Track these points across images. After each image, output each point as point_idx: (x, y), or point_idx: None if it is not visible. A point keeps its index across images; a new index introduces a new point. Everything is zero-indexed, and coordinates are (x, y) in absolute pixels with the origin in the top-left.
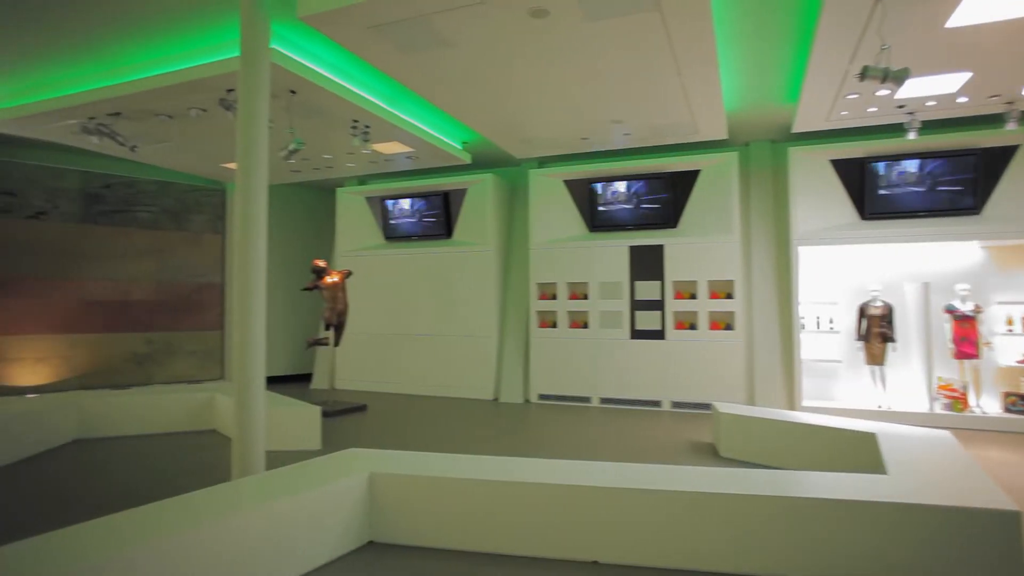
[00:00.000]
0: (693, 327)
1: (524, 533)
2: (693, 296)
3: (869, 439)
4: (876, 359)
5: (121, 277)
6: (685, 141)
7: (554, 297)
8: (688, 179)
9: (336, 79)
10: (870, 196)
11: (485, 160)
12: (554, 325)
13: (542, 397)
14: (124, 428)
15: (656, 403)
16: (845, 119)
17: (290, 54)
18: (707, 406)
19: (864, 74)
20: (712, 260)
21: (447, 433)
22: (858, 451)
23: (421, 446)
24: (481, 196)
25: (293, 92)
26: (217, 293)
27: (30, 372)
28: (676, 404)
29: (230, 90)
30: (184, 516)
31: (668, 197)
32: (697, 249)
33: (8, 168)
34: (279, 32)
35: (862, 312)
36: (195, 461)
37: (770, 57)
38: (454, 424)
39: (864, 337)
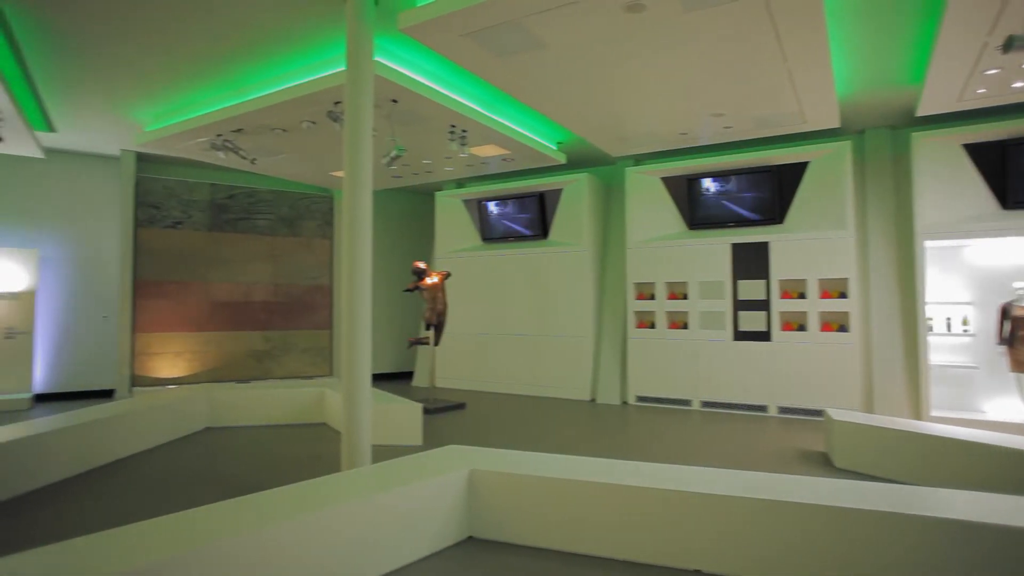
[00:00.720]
0: (802, 328)
1: (624, 537)
2: (802, 295)
3: (1017, 456)
4: (1022, 365)
5: (243, 280)
6: (792, 132)
7: (652, 297)
8: (795, 172)
9: (435, 86)
10: (1015, 183)
11: (580, 159)
12: (652, 326)
13: (640, 399)
14: (247, 419)
15: (761, 408)
16: (982, 98)
17: (392, 64)
18: (818, 412)
19: (1009, 46)
20: (823, 257)
21: (545, 432)
22: (1004, 469)
23: (519, 445)
24: (577, 196)
25: (394, 101)
26: (327, 294)
27: (169, 365)
28: (783, 409)
29: (337, 102)
30: (299, 503)
31: (773, 191)
32: (806, 245)
33: (152, 184)
34: (381, 44)
35: (1005, 313)
36: (308, 452)
37: (888, 33)
38: (551, 424)
39: (1008, 341)
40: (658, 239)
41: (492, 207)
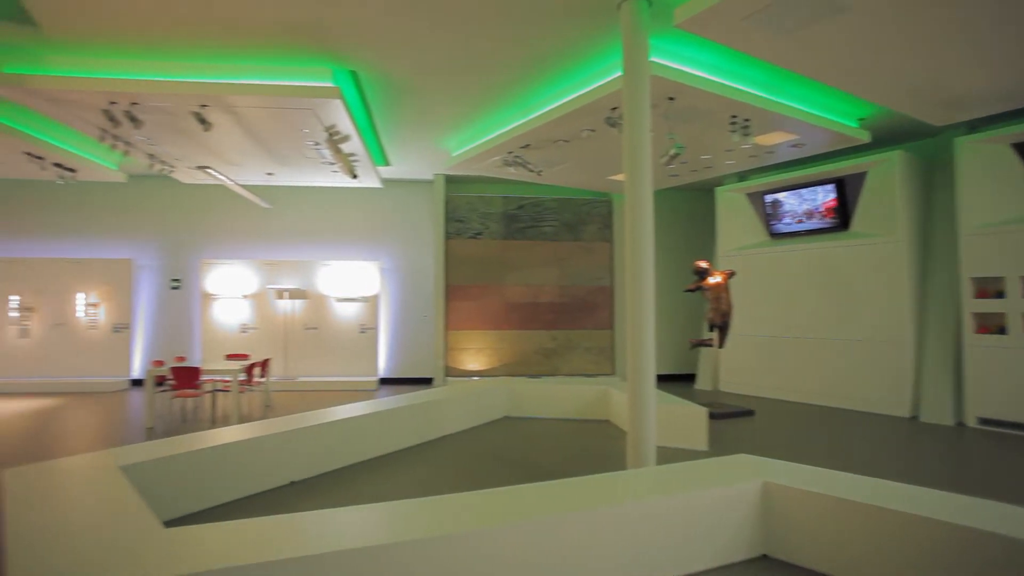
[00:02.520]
0: None
1: None
2: None
3: None
4: None
5: (532, 283)
6: None
7: (999, 295)
8: None
9: (712, 78)
10: None
11: (889, 135)
12: (1000, 330)
13: (983, 421)
14: (539, 411)
15: None
16: None
17: (667, 63)
18: None
19: None
20: None
21: (850, 450)
22: None
23: (818, 461)
24: (886, 178)
25: (671, 99)
26: (608, 295)
27: (473, 359)
28: None
29: (614, 108)
30: (590, 495)
31: None
32: None
33: (458, 201)
34: (656, 44)
35: None
36: (594, 447)
37: None
38: (859, 441)
39: None
40: (1008, 222)
41: (780, 199)
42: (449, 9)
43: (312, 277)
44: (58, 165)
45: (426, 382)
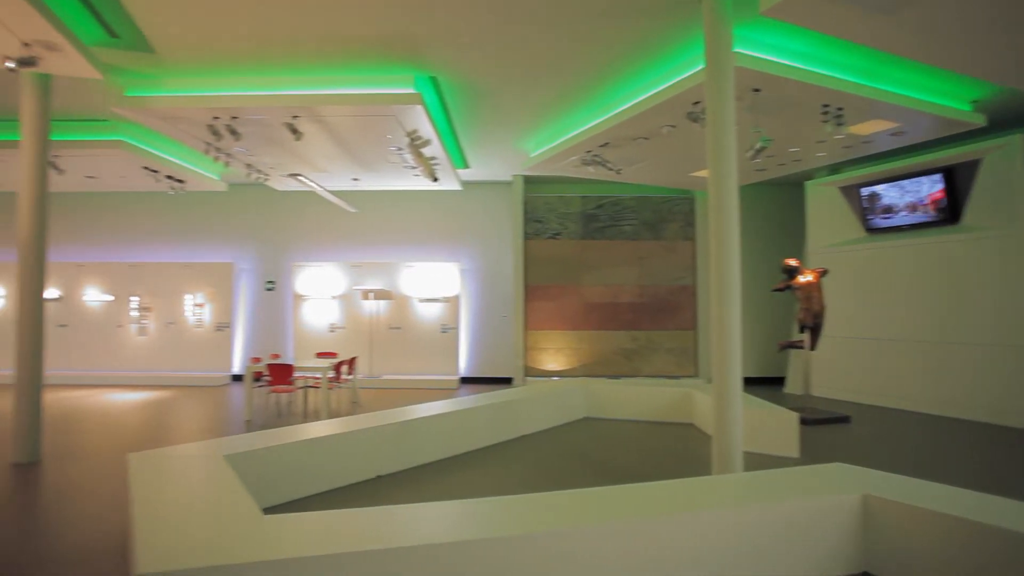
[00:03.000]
0: None
1: None
2: None
3: None
4: None
5: (611, 283)
6: None
7: None
8: None
9: (801, 66)
10: None
11: (1008, 118)
12: None
13: None
14: (620, 412)
15: None
16: None
17: (752, 53)
18: None
19: None
20: None
21: (960, 463)
22: None
23: (924, 473)
24: (1005, 165)
25: (756, 90)
26: (690, 295)
27: (552, 359)
28: None
29: (696, 102)
30: (674, 500)
31: None
32: None
33: (536, 201)
34: (740, 34)
35: None
36: (676, 450)
37: None
38: (970, 453)
39: None
40: None
41: (878, 192)
42: (528, 11)
43: (396, 278)
44: (170, 177)
45: (505, 382)
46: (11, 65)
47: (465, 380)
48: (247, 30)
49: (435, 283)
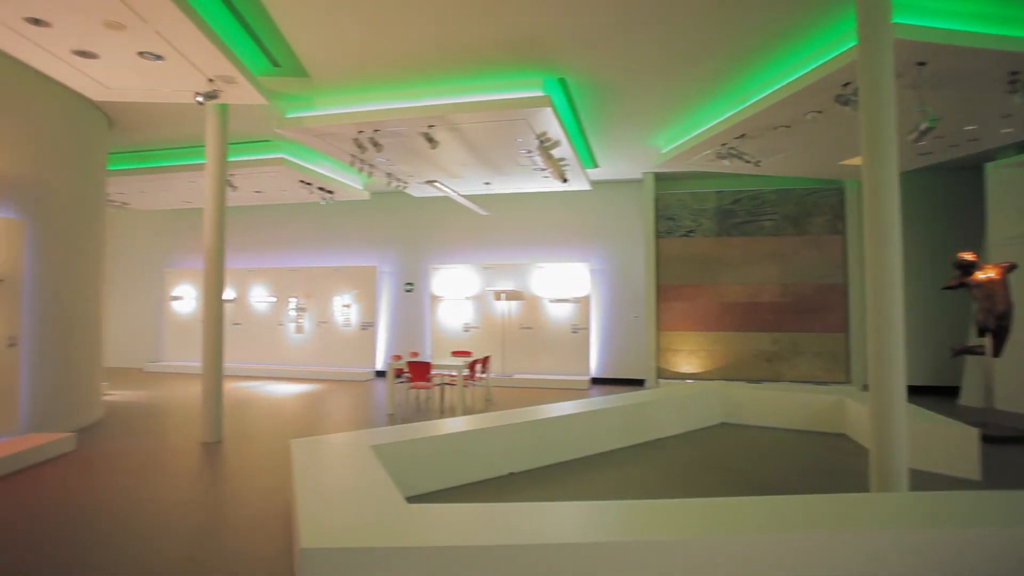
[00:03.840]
0: None
1: None
2: None
3: None
4: None
5: (750, 281)
6: None
7: None
8: None
9: (978, 31)
10: None
11: None
12: None
13: None
14: (760, 419)
15: None
16: None
17: (913, 23)
18: None
19: None
20: None
21: None
22: None
23: None
24: None
25: (921, 64)
26: (839, 294)
27: (685, 361)
28: None
29: (847, 83)
30: (820, 516)
31: None
32: None
33: (668, 199)
34: (898, 2)
35: None
36: (826, 462)
37: None
38: None
39: None
40: None
41: None
42: (657, 5)
43: (527, 279)
44: (321, 188)
45: (637, 383)
46: (200, 99)
47: (596, 381)
48: (387, 50)
49: (565, 283)
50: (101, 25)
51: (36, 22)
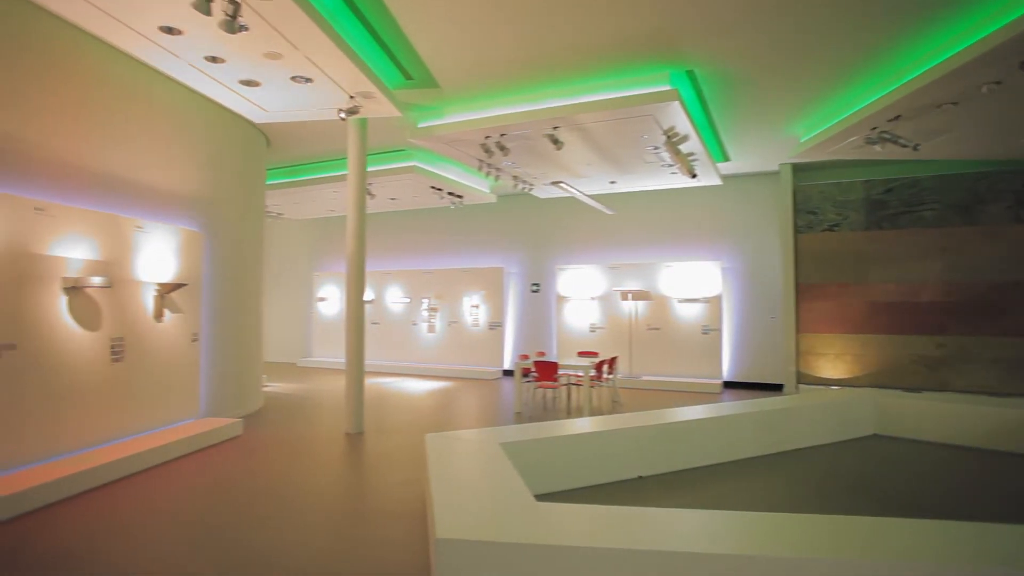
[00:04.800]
0: None
1: None
2: None
3: None
4: None
5: (906, 279)
6: None
7: None
8: None
9: None
10: None
11: None
12: None
13: None
14: (921, 431)
15: None
16: None
17: None
18: None
19: None
20: None
21: None
22: None
23: None
24: None
25: None
26: (1022, 293)
27: (830, 366)
28: None
29: None
30: (991, 549)
31: None
32: None
33: (808, 191)
34: None
35: None
36: (1007, 487)
37: None
38: None
39: None
40: None
41: None
42: None
43: (654, 278)
44: (451, 193)
45: (774, 388)
46: (342, 115)
47: (728, 384)
48: (512, 54)
49: (695, 283)
50: (262, 56)
51: (213, 59)
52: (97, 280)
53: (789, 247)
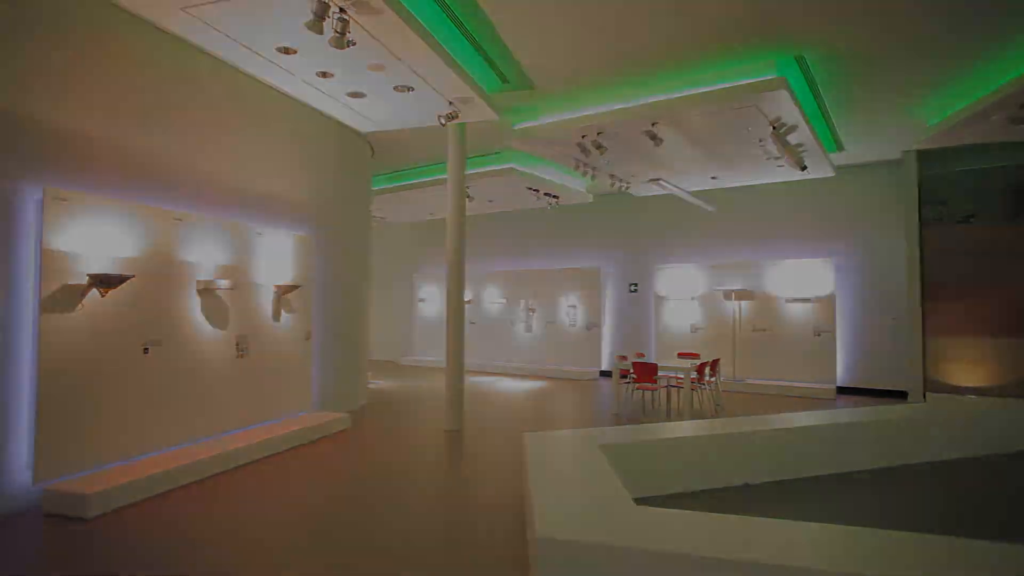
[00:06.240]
0: None
1: None
2: None
3: None
4: None
5: None
6: None
7: None
8: None
9: None
10: None
11: None
12: None
13: None
14: None
15: None
16: None
17: None
18: None
19: None
20: None
21: None
22: None
23: None
24: None
25: None
26: None
27: (964, 372)
28: None
29: None
30: None
31: None
32: None
33: (936, 180)
34: None
35: None
36: None
37: None
38: None
39: None
40: None
41: None
42: None
43: (759, 277)
44: (547, 194)
45: (897, 395)
46: (442, 121)
47: (842, 390)
48: (607, 50)
49: (804, 281)
50: (367, 68)
51: (323, 74)
52: (223, 283)
53: (914, 242)
